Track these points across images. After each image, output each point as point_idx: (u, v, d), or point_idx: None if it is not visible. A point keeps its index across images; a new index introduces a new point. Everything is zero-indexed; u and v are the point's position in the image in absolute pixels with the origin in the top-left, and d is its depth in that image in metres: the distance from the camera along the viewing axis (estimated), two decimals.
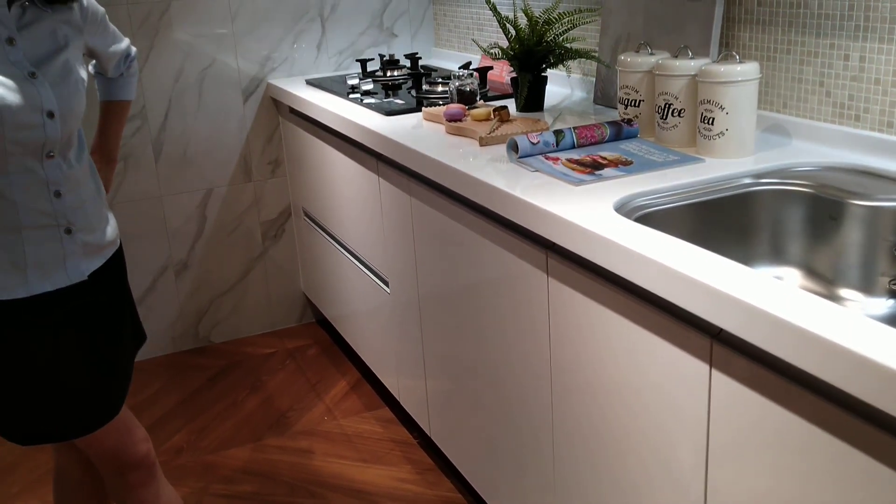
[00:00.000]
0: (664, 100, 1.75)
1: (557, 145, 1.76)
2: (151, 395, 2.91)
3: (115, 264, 1.62)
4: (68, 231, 1.49)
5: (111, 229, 1.61)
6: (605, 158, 1.68)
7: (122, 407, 1.60)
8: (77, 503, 1.77)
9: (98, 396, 1.55)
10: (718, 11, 1.84)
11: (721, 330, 1.15)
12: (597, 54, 2.17)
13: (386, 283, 2.39)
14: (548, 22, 2.13)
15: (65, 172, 1.47)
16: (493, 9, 2.20)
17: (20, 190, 1.42)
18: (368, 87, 2.66)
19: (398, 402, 2.55)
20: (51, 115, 1.42)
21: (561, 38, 2.14)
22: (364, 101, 2.49)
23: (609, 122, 1.82)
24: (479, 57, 2.84)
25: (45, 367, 1.49)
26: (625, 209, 1.44)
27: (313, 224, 3.00)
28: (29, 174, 1.42)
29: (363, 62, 2.93)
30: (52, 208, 1.46)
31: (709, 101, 1.64)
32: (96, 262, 1.55)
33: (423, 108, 2.26)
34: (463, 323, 1.92)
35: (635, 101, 1.85)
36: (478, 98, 2.26)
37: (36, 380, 1.49)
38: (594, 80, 2.30)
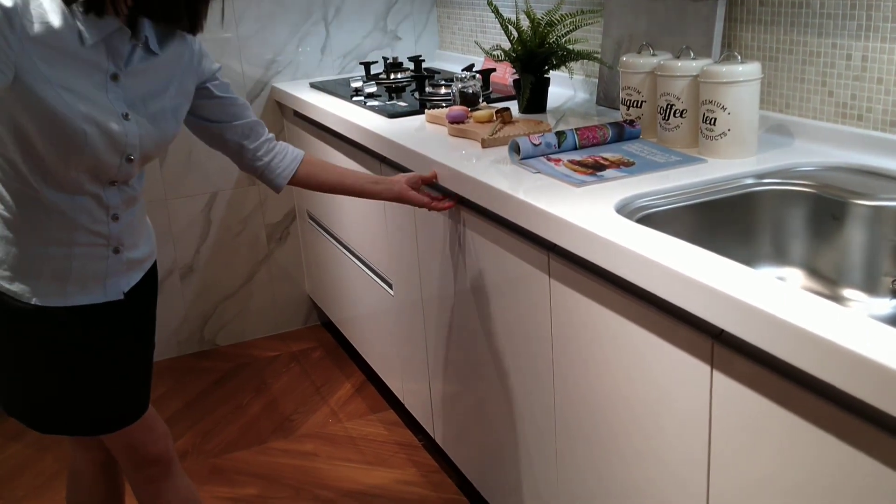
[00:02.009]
0: (666, 100, 1.74)
1: (559, 147, 1.75)
2: (157, 398, 2.91)
3: (151, 275, 1.65)
4: (116, 251, 1.51)
5: (151, 242, 1.64)
6: (606, 159, 1.68)
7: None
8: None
9: (130, 395, 1.59)
10: (720, 12, 1.84)
11: (722, 331, 1.14)
12: (599, 55, 2.17)
13: (390, 286, 2.39)
14: (550, 24, 2.13)
15: (125, 196, 1.50)
16: (496, 11, 2.20)
17: (82, 211, 1.44)
18: (372, 89, 2.66)
19: (403, 405, 2.55)
20: (130, 159, 1.44)
21: (563, 40, 2.14)
22: (367, 104, 2.49)
23: (611, 123, 1.82)
24: (482, 59, 2.85)
25: (85, 366, 1.52)
26: (626, 210, 1.44)
27: (318, 227, 3.01)
28: (93, 198, 1.45)
29: (367, 65, 2.94)
30: (108, 230, 1.49)
31: (711, 102, 1.64)
32: (136, 277, 1.58)
33: (426, 111, 2.26)
34: (466, 325, 1.92)
35: (637, 101, 1.85)
36: (480, 100, 2.26)
37: (77, 378, 1.51)
38: (596, 81, 2.30)
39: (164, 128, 1.49)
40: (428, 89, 2.53)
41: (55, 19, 1.30)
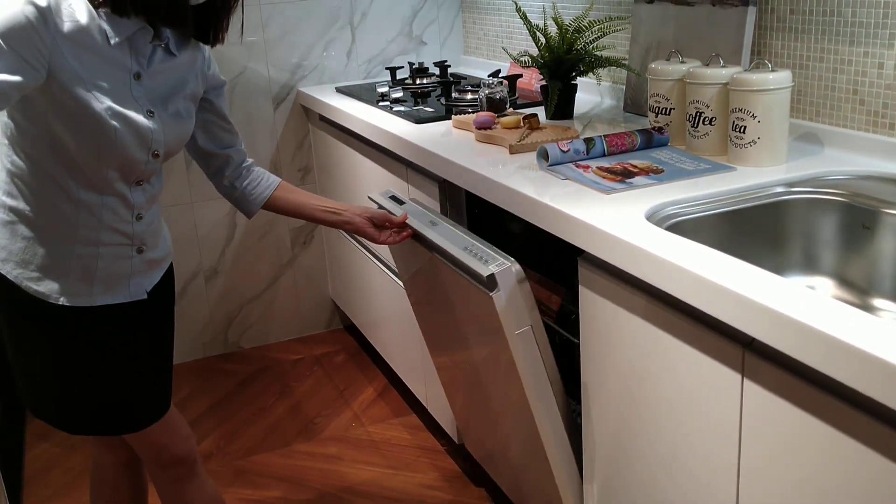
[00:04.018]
0: (695, 108, 1.74)
1: (588, 153, 1.76)
2: (181, 399, 2.93)
3: (169, 275, 1.67)
4: (140, 251, 1.54)
5: (168, 241, 1.67)
6: (635, 167, 1.68)
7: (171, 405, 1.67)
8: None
9: (153, 395, 1.61)
10: (750, 19, 1.83)
11: (753, 339, 1.14)
12: (627, 62, 2.16)
13: None
14: (578, 30, 2.14)
15: (148, 196, 1.53)
16: (524, 17, 2.20)
17: (109, 211, 1.47)
18: (398, 94, 2.67)
19: (426, 409, 2.55)
20: (156, 155, 1.47)
21: (591, 47, 2.14)
22: (394, 109, 2.50)
23: (639, 130, 1.82)
24: (508, 65, 2.85)
25: (110, 366, 1.54)
26: (656, 217, 1.43)
27: (342, 231, 3.02)
28: (119, 198, 1.48)
29: (392, 70, 2.95)
30: (132, 230, 1.52)
31: (740, 110, 1.63)
32: (156, 277, 1.61)
33: (453, 116, 2.26)
34: None
35: (666, 109, 1.84)
36: (507, 106, 2.26)
37: (102, 378, 1.54)
38: (624, 87, 2.30)
39: (182, 125, 1.53)
40: (454, 95, 2.54)
41: (83, 18, 1.34)
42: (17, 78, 1.26)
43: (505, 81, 2.31)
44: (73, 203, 1.44)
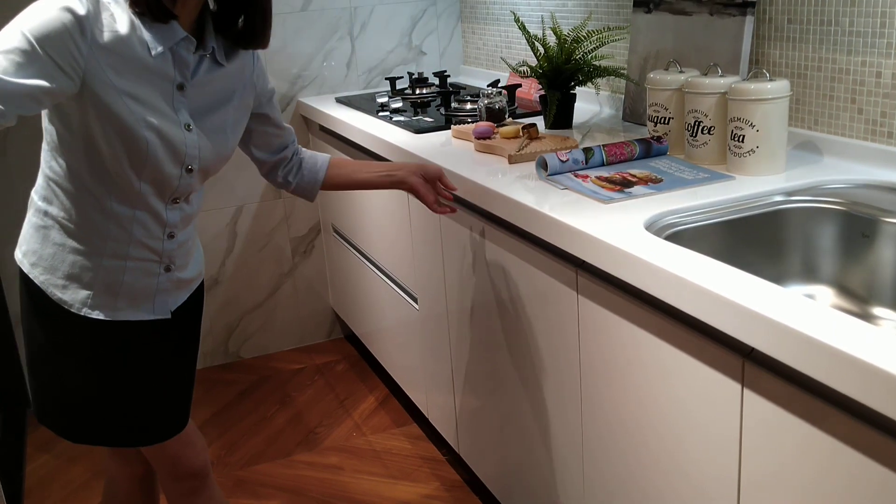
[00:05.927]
0: (694, 117, 1.74)
1: (587, 163, 1.76)
2: None
3: (198, 294, 1.66)
4: (168, 269, 1.53)
5: (200, 262, 1.65)
6: (634, 176, 1.68)
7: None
8: None
9: (171, 410, 1.61)
10: (748, 29, 1.84)
11: (752, 349, 1.14)
12: (626, 72, 2.17)
13: (415, 300, 2.40)
14: (576, 40, 2.14)
15: (184, 214, 1.51)
16: (522, 27, 2.21)
17: (140, 226, 1.46)
18: (397, 104, 2.68)
19: (427, 419, 2.55)
20: (189, 170, 1.45)
21: (590, 56, 2.15)
22: (393, 119, 2.51)
23: (638, 140, 1.83)
24: (507, 74, 2.86)
25: (127, 380, 1.53)
26: (655, 227, 1.44)
27: (342, 240, 3.02)
28: (152, 215, 1.46)
29: (392, 80, 2.95)
30: (162, 247, 1.50)
31: (739, 119, 1.64)
32: (182, 297, 1.59)
33: (452, 126, 2.27)
34: (492, 340, 1.92)
35: (665, 118, 1.85)
36: (506, 116, 2.27)
37: (119, 392, 1.53)
38: (623, 97, 2.30)
39: (223, 140, 1.50)
40: (454, 105, 2.55)
41: (123, 28, 1.32)
42: (50, 84, 1.24)
43: (504, 91, 2.32)
44: (105, 214, 1.43)
